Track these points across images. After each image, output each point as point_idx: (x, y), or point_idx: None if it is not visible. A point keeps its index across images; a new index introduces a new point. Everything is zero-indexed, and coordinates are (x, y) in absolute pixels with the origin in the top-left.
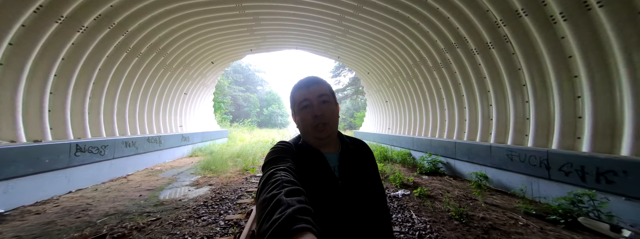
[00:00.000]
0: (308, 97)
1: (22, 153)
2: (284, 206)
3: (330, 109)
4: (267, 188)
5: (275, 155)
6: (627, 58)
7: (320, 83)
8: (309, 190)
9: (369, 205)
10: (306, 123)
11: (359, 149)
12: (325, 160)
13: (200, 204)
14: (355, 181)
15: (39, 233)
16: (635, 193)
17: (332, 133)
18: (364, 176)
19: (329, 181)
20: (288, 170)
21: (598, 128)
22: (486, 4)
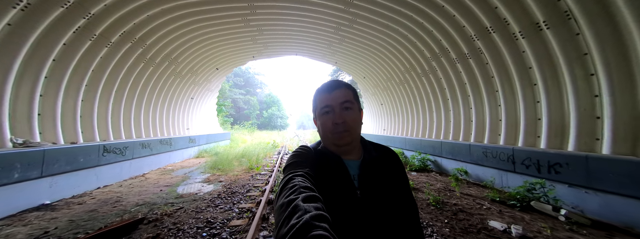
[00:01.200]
0: (330, 103)
1: (64, 153)
2: (302, 211)
3: (352, 116)
4: (285, 192)
5: (294, 160)
6: (570, 71)
7: (343, 87)
8: (326, 197)
9: (391, 218)
10: (326, 129)
11: (384, 157)
12: (345, 167)
13: (215, 197)
14: (376, 191)
15: (87, 218)
16: (576, 181)
17: (353, 140)
18: (386, 186)
19: (347, 190)
20: (305, 175)
21: (551, 128)
22: (462, 21)
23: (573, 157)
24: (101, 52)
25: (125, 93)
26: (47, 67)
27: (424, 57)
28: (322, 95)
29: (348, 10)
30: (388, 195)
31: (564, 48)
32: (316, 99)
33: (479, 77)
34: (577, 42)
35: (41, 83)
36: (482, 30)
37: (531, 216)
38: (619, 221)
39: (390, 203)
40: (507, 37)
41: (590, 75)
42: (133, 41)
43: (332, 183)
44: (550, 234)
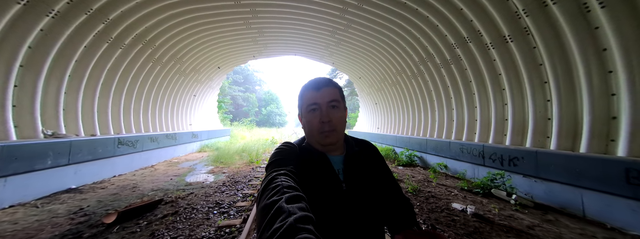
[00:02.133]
0: (317, 101)
1: (85, 144)
2: (285, 214)
3: (339, 115)
4: (267, 193)
5: (277, 157)
6: (529, 79)
7: (331, 85)
8: (312, 193)
9: (374, 208)
10: (312, 127)
11: (365, 150)
12: (329, 162)
13: (220, 185)
14: (360, 184)
15: (112, 199)
16: (528, 172)
17: (338, 140)
18: (369, 178)
19: (333, 184)
20: (289, 174)
21: (515, 127)
22: (444, 30)
23: (527, 152)
24: (116, 53)
25: (135, 90)
26: (71, 67)
27: (413, 61)
28: (310, 92)
29: (343, 16)
30: (371, 186)
31: (524, 59)
32: (303, 96)
33: (459, 81)
34: (534, 54)
35: (66, 81)
36: (461, 39)
37: (489, 200)
38: (556, 204)
39: (373, 192)
40: (481, 47)
41: (544, 82)
42: (144, 43)
43: (318, 178)
44: (497, 212)
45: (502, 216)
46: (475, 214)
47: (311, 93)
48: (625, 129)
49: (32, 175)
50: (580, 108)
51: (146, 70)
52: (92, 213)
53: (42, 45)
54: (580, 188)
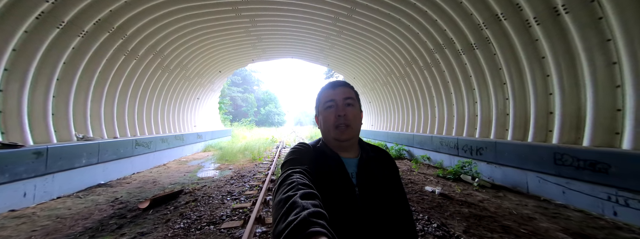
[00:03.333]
0: (333, 98)
1: (110, 145)
2: (299, 208)
3: (354, 112)
4: (282, 188)
5: (293, 156)
6: (492, 80)
7: (346, 86)
8: (325, 194)
9: (387, 214)
10: (328, 122)
11: (380, 157)
12: (343, 164)
13: (229, 179)
14: (373, 188)
15: (139, 191)
16: (490, 159)
17: (353, 136)
18: (382, 184)
19: (345, 186)
20: (304, 172)
21: (483, 122)
22: (423, 37)
23: (490, 143)
24: (131, 64)
25: (147, 96)
26: (95, 78)
27: (400, 64)
28: (326, 91)
29: (335, 24)
30: (384, 193)
31: (488, 64)
32: (320, 96)
33: (439, 82)
34: (495, 60)
35: (91, 91)
36: (438, 45)
37: (457, 184)
38: (509, 184)
39: (387, 200)
40: (454, 53)
41: (503, 84)
42: (154, 53)
43: (331, 180)
44: (459, 192)
45: (463, 194)
46: (441, 193)
47: (328, 92)
48: (557, 122)
49: (72, 172)
50: (529, 105)
51: (156, 77)
52: (126, 202)
53: (72, 60)
54: (525, 170)
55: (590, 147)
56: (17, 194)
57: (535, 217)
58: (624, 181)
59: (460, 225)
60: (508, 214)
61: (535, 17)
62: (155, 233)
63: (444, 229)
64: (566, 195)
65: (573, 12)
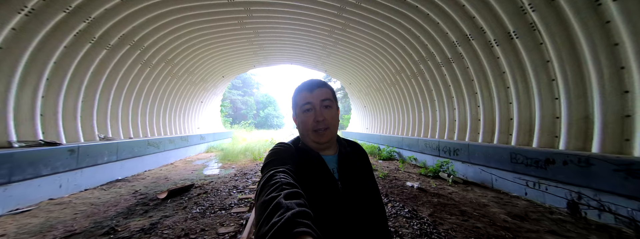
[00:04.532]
0: (310, 101)
1: (127, 145)
2: (284, 209)
3: (332, 114)
4: (266, 190)
5: (274, 157)
6: (467, 89)
7: (323, 86)
8: (309, 191)
9: (368, 206)
10: (307, 126)
11: (356, 151)
12: (324, 162)
13: (233, 176)
14: (354, 182)
15: (154, 186)
16: (463, 159)
17: (332, 137)
18: (361, 177)
19: (329, 182)
20: (287, 172)
21: (460, 127)
22: (409, 50)
23: (464, 145)
24: (145, 72)
25: (157, 100)
26: (116, 85)
27: (391, 72)
28: (303, 93)
29: (331, 35)
30: (363, 184)
31: (462, 76)
32: (297, 97)
33: (424, 90)
34: (468, 73)
35: (111, 96)
36: (421, 57)
37: (434, 180)
38: (479, 181)
39: (365, 190)
40: (436, 65)
41: (474, 93)
42: (166, 61)
43: (314, 177)
44: (434, 186)
45: (436, 188)
46: (419, 188)
47: (305, 94)
48: (515, 127)
49: (96, 168)
50: (495, 113)
51: (165, 83)
52: (146, 193)
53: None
54: (490, 167)
55: (537, 148)
56: (55, 185)
57: (489, 204)
58: (555, 175)
59: (428, 210)
60: (468, 203)
61: (495, 39)
62: (177, 216)
63: (414, 212)
64: (519, 188)
65: (521, 38)
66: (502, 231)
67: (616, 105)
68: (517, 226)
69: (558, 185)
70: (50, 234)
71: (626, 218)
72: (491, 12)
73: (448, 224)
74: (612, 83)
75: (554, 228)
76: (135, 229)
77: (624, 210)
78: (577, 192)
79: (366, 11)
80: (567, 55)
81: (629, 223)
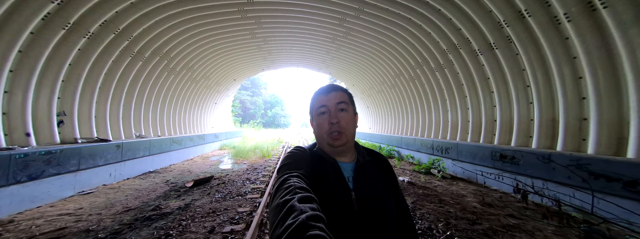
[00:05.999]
0: (326, 104)
1: (156, 142)
2: (297, 212)
3: (347, 118)
4: (280, 193)
5: (289, 160)
6: (458, 93)
7: (339, 90)
8: (322, 198)
9: (383, 218)
10: (322, 129)
11: (376, 161)
12: (339, 168)
13: (245, 170)
14: (369, 193)
15: (180, 177)
16: (453, 157)
17: (347, 142)
18: (379, 188)
19: (342, 191)
20: (301, 176)
21: (453, 127)
22: (406, 55)
23: (454, 144)
24: (170, 79)
25: (179, 102)
26: (148, 90)
27: (390, 75)
28: (319, 96)
29: (334, 42)
30: (381, 197)
31: (454, 81)
32: (313, 101)
33: (422, 93)
34: (459, 78)
35: (144, 99)
36: (418, 63)
37: (425, 176)
38: (465, 177)
39: (383, 204)
40: (430, 70)
41: (464, 96)
42: (187, 68)
43: (328, 184)
44: (423, 181)
45: (425, 182)
46: (409, 182)
47: (320, 97)
48: (498, 128)
49: (134, 161)
50: (482, 115)
51: (186, 87)
52: (175, 182)
53: (134, 81)
54: (475, 164)
55: (513, 147)
56: (106, 174)
57: (467, 195)
58: (526, 170)
59: (411, 199)
60: (449, 194)
61: (479, 49)
62: (204, 199)
63: None
64: (496, 182)
65: (500, 49)
66: (469, 215)
67: (576, 109)
68: (483, 211)
69: (526, 178)
70: (114, 208)
71: (570, 205)
72: (474, 25)
73: (425, 209)
74: (572, 91)
75: (514, 212)
76: (174, 207)
77: (575, 200)
78: (535, 185)
79: (365, 21)
80: (538, 65)
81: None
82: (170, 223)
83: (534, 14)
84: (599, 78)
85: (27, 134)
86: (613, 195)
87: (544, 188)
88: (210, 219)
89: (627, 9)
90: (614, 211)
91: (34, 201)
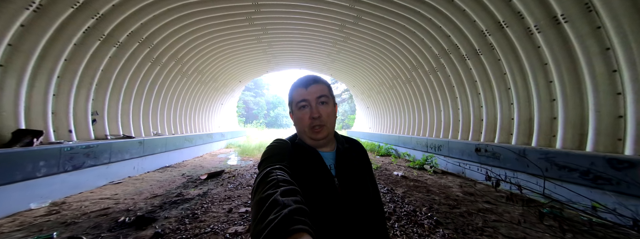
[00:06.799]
0: (306, 98)
1: (171, 140)
2: (280, 206)
3: (328, 110)
4: (262, 187)
5: (271, 153)
6: (450, 94)
7: (319, 82)
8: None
9: (366, 203)
10: (303, 123)
11: (354, 148)
12: (321, 158)
13: (252, 166)
14: (351, 179)
15: (194, 170)
16: (445, 154)
17: (329, 134)
18: (359, 174)
19: (325, 179)
20: (283, 168)
21: (445, 127)
22: (397, 61)
23: (445, 142)
24: (182, 81)
25: (191, 103)
26: (164, 91)
27: (388, 77)
28: (299, 90)
29: (335, 46)
30: (360, 181)
31: (445, 83)
32: (292, 94)
33: (417, 94)
34: (450, 80)
35: (161, 99)
36: (413, 65)
37: (418, 171)
38: (455, 171)
39: (363, 187)
40: (424, 73)
41: (455, 98)
42: (197, 71)
43: (311, 173)
44: (415, 175)
45: (417, 176)
46: (402, 175)
47: (300, 91)
48: (484, 127)
49: (153, 156)
50: (470, 115)
51: (196, 89)
52: (190, 175)
53: (153, 84)
54: (464, 160)
55: (496, 143)
56: (131, 167)
57: (453, 187)
58: (505, 164)
59: (402, 189)
60: (437, 186)
61: (466, 55)
62: (218, 189)
63: (391, 190)
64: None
65: (485, 54)
66: (451, 201)
67: (547, 109)
68: (464, 198)
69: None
70: (143, 195)
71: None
72: (461, 33)
73: (413, 197)
74: (544, 93)
75: (490, 199)
76: (194, 194)
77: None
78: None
79: (363, 28)
80: (516, 69)
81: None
82: (194, 206)
83: (510, 24)
84: (565, 82)
85: (69, 131)
86: (572, 183)
87: (514, 177)
88: (226, 203)
89: (583, 24)
90: (571, 196)
91: (77, 188)
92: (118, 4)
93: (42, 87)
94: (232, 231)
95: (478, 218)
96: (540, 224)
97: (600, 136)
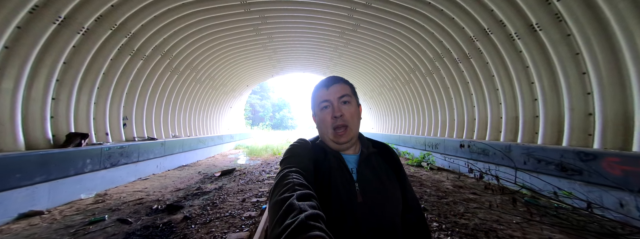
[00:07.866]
0: (328, 98)
1: (188, 141)
2: (297, 210)
3: (351, 110)
4: (279, 189)
5: (291, 153)
6: (441, 97)
7: (341, 82)
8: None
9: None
10: (325, 123)
11: (383, 153)
12: (343, 160)
13: (260, 164)
14: (374, 184)
15: (209, 169)
16: (441, 151)
17: (353, 137)
18: (384, 179)
19: (345, 182)
20: (301, 171)
21: (443, 126)
22: (399, 61)
23: (441, 140)
24: (197, 86)
25: (203, 107)
26: (181, 96)
27: (388, 79)
28: (320, 90)
29: (336, 50)
30: (386, 188)
31: (442, 86)
32: (315, 95)
33: (415, 96)
34: (445, 82)
35: (178, 104)
36: (410, 68)
37: (415, 168)
38: (449, 168)
39: (389, 195)
40: (421, 75)
41: (450, 98)
42: (210, 78)
43: (331, 176)
44: (412, 171)
45: (413, 172)
46: None
47: (322, 91)
48: (477, 125)
49: (172, 156)
50: (464, 114)
51: (209, 94)
52: (206, 173)
53: (171, 91)
54: (457, 157)
55: (486, 141)
56: (154, 165)
57: (445, 181)
58: (493, 159)
59: None
60: (430, 180)
61: (458, 58)
62: (232, 183)
63: None
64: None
65: (474, 58)
66: (440, 193)
67: (530, 108)
68: (453, 190)
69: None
70: (168, 189)
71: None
72: (452, 38)
73: None
74: (527, 93)
75: (477, 191)
76: (212, 188)
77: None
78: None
79: (362, 34)
80: (503, 72)
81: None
82: (213, 197)
83: (494, 31)
84: (544, 83)
85: (106, 133)
86: (548, 174)
87: (496, 170)
88: (240, 195)
89: (555, 32)
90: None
91: (113, 183)
92: (146, 24)
93: (86, 97)
94: (247, 215)
95: (461, 206)
96: (514, 210)
97: (574, 132)
